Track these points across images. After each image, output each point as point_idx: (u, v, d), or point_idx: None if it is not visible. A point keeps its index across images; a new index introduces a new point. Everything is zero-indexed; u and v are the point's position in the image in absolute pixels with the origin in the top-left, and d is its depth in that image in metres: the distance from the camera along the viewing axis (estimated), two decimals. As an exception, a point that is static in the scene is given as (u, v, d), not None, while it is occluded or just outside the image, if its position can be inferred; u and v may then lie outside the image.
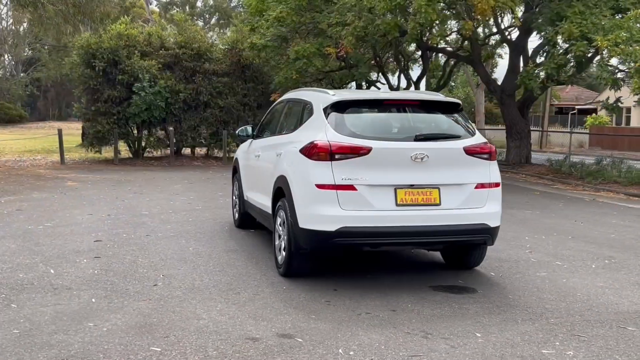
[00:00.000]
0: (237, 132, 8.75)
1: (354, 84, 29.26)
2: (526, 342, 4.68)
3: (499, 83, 20.16)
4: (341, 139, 5.79)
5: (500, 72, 39.37)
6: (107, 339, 4.57)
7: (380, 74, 29.28)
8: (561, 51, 16.33)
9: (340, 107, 6.12)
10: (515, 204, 12.24)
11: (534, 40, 20.52)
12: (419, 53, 26.92)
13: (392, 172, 5.75)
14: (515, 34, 20.27)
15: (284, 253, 6.29)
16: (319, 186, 5.72)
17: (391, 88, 28.71)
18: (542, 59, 17.92)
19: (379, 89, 32.58)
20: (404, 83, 29.32)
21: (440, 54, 26.40)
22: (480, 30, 24.37)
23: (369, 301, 5.62)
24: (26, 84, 60.59)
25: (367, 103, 6.40)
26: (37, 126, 51.98)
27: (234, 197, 9.17)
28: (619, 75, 15.24)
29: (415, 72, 29.18)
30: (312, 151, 5.82)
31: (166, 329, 4.79)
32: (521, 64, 19.13)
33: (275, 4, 17.77)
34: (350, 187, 5.69)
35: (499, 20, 19.93)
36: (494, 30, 20.74)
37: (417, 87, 27.81)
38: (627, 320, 5.25)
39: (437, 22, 16.21)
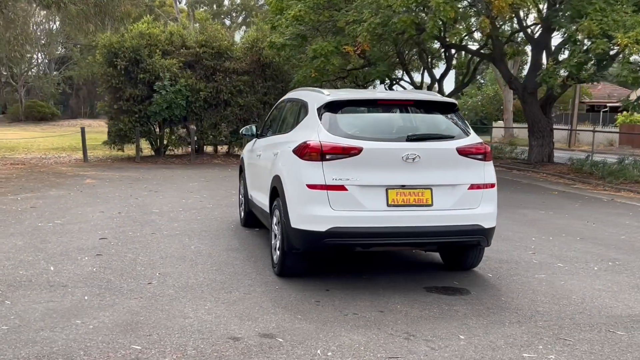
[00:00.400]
0: (241, 131, 8.80)
1: (378, 82, 29.18)
2: (509, 345, 4.64)
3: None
4: (332, 139, 5.79)
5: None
6: (91, 336, 4.64)
7: (404, 72, 29.17)
8: (584, 48, 16.06)
9: (333, 107, 6.12)
10: (530, 203, 12.11)
11: (558, 38, 20.27)
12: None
13: (384, 172, 5.73)
14: (539, 31, 20.02)
15: (279, 252, 6.31)
16: (310, 186, 5.73)
17: (415, 86, 28.61)
18: (565, 56, 17.65)
19: (404, 88, 32.52)
20: (428, 80, 29.15)
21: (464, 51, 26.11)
22: (505, 27, 24.19)
23: (358, 302, 5.61)
24: (58, 82, 61.53)
25: (360, 103, 6.39)
26: (69, 124, 52.73)
27: (240, 196, 9.23)
28: (641, 73, 14.93)
29: (441, 69, 29.01)
30: (303, 151, 5.84)
31: (151, 328, 4.85)
32: (545, 62, 18.90)
33: (294, 2, 17.79)
34: (341, 188, 5.68)
35: (522, 17, 19.71)
36: (515, 28, 20.47)
37: (440, 85, 27.67)
38: (618, 324, 5.17)
39: (458, 19, 16.03)
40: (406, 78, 30.12)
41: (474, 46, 23.55)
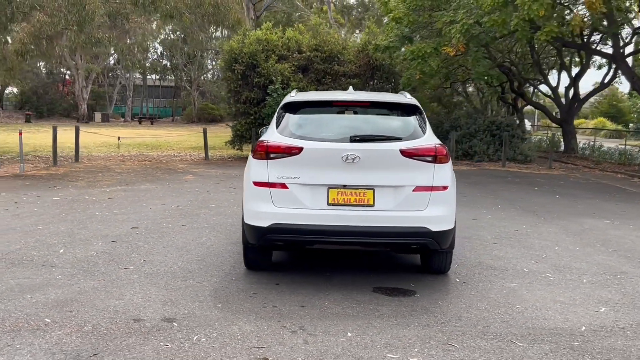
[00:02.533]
0: (260, 131, 9.19)
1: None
2: (387, 345, 4.63)
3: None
4: (279, 139, 6.03)
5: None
6: (23, 309, 5.27)
7: (539, 73, 28.00)
8: None
9: (291, 107, 6.36)
10: (605, 212, 11.34)
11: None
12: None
13: (326, 172, 5.86)
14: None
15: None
16: (256, 183, 6.02)
17: (550, 87, 27.34)
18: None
19: (540, 91, 31.06)
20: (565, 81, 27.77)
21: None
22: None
23: (293, 296, 5.80)
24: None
25: (317, 104, 6.55)
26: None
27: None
28: None
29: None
30: (255, 150, 6.15)
31: (79, 306, 5.39)
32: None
33: (397, 4, 17.86)
34: (283, 185, 5.91)
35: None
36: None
37: (575, 85, 26.24)
38: (530, 335, 4.92)
39: (553, 15, 15.24)
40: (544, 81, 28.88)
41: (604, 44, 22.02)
